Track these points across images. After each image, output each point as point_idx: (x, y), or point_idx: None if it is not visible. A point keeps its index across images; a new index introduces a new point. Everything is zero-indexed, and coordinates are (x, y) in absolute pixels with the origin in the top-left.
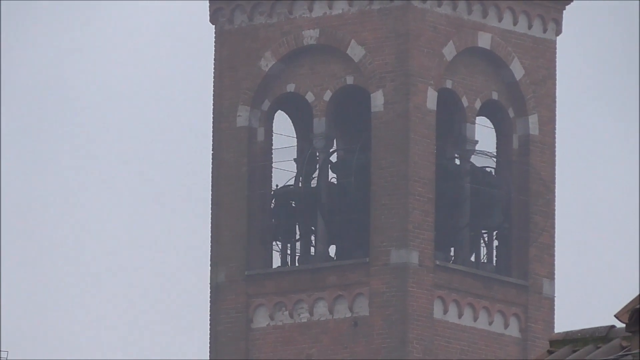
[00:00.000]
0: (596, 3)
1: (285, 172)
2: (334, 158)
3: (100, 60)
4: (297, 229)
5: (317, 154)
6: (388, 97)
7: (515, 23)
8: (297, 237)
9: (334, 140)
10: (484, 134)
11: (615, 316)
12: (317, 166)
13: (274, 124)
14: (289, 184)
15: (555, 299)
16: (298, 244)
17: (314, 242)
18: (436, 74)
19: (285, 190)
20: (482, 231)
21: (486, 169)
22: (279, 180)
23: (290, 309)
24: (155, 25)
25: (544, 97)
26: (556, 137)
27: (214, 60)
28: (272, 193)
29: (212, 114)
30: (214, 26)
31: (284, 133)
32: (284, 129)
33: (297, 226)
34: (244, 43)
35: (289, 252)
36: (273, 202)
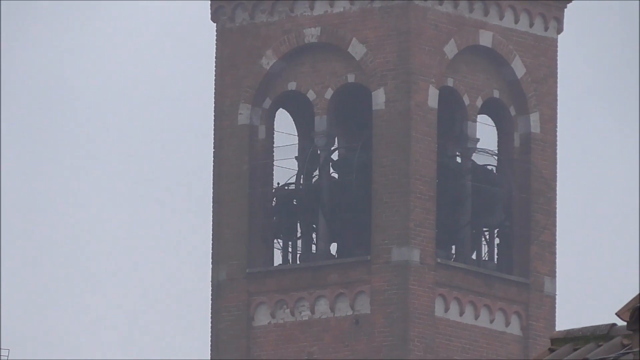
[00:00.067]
0: (598, 1)
1: (286, 170)
2: (335, 156)
3: (101, 59)
4: (298, 227)
5: (319, 152)
6: (389, 95)
7: (516, 21)
8: (299, 235)
9: (335, 139)
10: (485, 132)
11: (616, 314)
12: (319, 164)
13: (275, 122)
14: (290, 182)
15: (557, 297)
16: (299, 242)
17: (315, 240)
18: (437, 72)
19: (286, 189)
20: (484, 229)
21: (487, 167)
22: (280, 178)
23: (291, 307)
24: (157, 23)
25: (545, 95)
26: (557, 135)
27: (215, 58)
28: (274, 191)
29: (214, 112)
30: (215, 24)
31: (285, 131)
32: (285, 127)
33: (298, 224)
34: (245, 41)
35: (290, 250)
36: (274, 200)
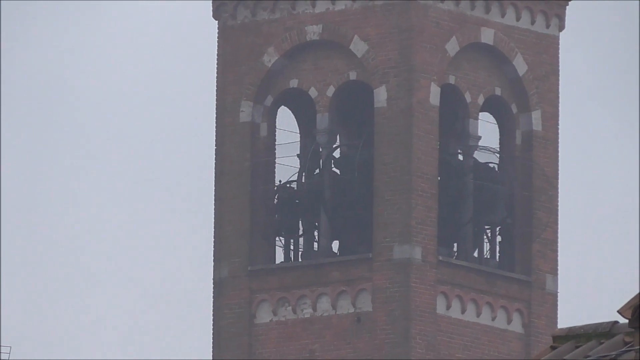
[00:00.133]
0: None
1: (288, 167)
2: (337, 154)
3: (101, 58)
4: (300, 225)
5: (320, 150)
6: (391, 92)
7: (518, 19)
8: (300, 232)
9: (337, 136)
10: (487, 129)
11: (618, 312)
12: (320, 162)
13: (277, 120)
14: (292, 179)
15: (558, 294)
16: (301, 240)
17: (317, 237)
18: (439, 69)
19: (288, 187)
20: (485, 227)
21: (489, 164)
22: (282, 175)
23: (293, 305)
24: (158, 21)
25: (547, 93)
26: (559, 132)
27: (217, 55)
28: (275, 189)
29: (215, 109)
30: (217, 22)
31: (287, 128)
32: (287, 124)
33: (300, 222)
34: (247, 39)
35: (292, 247)
36: (276, 197)
